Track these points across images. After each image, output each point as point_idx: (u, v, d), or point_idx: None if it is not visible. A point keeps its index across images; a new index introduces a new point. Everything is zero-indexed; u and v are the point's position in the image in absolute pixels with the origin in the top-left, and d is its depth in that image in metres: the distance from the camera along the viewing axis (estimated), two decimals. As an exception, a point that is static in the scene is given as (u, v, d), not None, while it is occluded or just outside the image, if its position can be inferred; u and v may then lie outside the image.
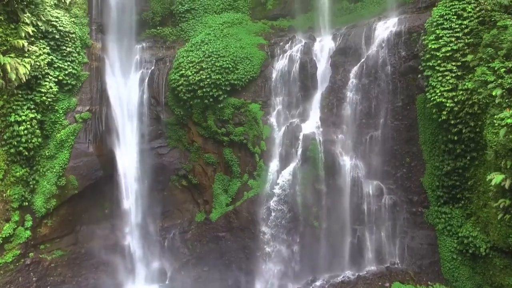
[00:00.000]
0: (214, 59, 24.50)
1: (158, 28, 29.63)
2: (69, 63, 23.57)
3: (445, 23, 18.85)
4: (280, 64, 25.02)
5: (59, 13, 23.36)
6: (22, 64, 20.34)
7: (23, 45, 20.65)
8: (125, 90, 26.91)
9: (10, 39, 20.34)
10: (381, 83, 22.01)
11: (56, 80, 22.88)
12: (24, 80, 20.41)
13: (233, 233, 24.60)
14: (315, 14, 28.17)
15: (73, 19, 24.28)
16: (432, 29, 19.31)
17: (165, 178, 27.21)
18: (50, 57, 22.52)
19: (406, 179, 21.51)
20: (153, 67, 27.38)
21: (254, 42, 26.05)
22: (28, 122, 21.08)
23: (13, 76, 19.87)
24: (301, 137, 22.89)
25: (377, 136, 21.93)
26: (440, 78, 18.64)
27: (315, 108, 23.75)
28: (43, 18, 22.01)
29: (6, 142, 20.70)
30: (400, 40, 21.94)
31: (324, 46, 25.06)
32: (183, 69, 24.98)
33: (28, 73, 20.50)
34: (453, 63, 18.38)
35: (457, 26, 18.55)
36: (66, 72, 23.36)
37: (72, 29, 23.77)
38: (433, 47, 18.91)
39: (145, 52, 28.17)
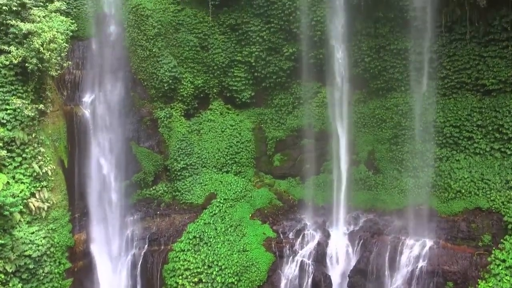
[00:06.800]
0: (215, 272, 21.35)
1: (151, 188, 26.33)
2: (48, 284, 20.52)
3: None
4: (290, 271, 21.90)
5: (33, 232, 19.91)
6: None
7: (-12, 307, 17.71)
8: (114, 277, 24.04)
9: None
10: (409, 332, 19.10)
11: (34, 313, 19.97)
12: None
13: None
14: (328, 180, 24.87)
15: (51, 226, 20.86)
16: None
17: None
18: (24, 294, 19.48)
19: None
20: (146, 248, 24.25)
21: (260, 238, 22.75)
22: None
23: None
24: None
25: None
26: None
27: (329, 337, 20.95)
28: (12, 257, 18.79)
29: None
30: (432, 281, 18.79)
31: (339, 249, 21.90)
32: (180, 277, 21.89)
33: None
34: None
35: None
36: (45, 297, 20.40)
37: (49, 242, 20.38)
38: None
39: (137, 225, 24.91)
